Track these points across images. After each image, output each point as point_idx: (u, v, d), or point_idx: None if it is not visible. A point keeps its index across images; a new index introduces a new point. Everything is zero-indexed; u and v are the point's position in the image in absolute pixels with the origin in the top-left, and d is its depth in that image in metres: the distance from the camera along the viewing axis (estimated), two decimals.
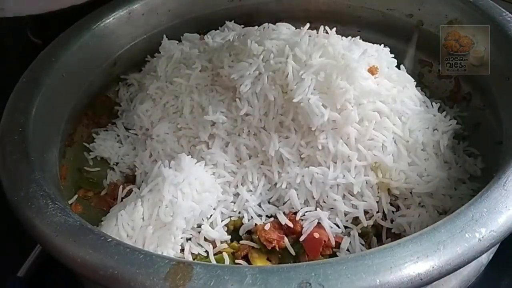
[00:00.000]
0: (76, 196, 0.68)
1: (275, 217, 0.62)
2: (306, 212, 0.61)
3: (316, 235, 0.58)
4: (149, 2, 0.83)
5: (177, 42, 0.84)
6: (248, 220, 0.63)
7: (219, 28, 0.87)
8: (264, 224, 0.61)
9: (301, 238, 0.59)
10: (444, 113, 0.72)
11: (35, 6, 0.91)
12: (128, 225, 0.58)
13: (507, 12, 0.69)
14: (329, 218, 0.61)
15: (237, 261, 0.59)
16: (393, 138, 0.64)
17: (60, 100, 0.69)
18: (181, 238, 0.59)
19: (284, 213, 0.62)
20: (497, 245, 0.55)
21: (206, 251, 0.60)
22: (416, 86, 0.73)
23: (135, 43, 0.83)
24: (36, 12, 0.93)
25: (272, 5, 0.90)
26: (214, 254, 0.59)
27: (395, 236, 0.61)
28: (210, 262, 0.58)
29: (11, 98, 0.63)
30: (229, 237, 0.62)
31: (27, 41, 1.08)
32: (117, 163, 0.74)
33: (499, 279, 0.62)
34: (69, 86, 0.72)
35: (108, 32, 0.79)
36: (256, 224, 0.62)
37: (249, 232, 0.62)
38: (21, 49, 1.11)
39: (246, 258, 0.60)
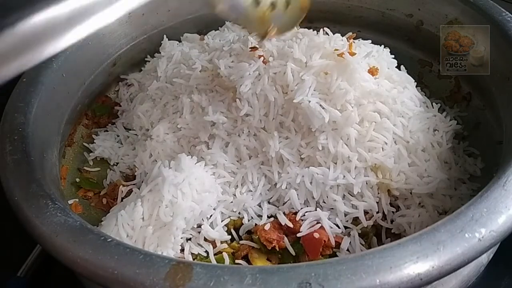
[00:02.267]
0: (76, 196, 0.68)
1: (275, 217, 0.62)
2: (306, 212, 0.61)
3: (316, 235, 0.58)
4: (149, 2, 0.83)
5: (177, 42, 0.84)
6: (248, 220, 0.63)
7: (219, 28, 0.87)
8: (264, 224, 0.61)
9: (299, 234, 0.59)
10: (444, 113, 0.72)
11: None
12: (128, 225, 0.58)
13: (507, 12, 0.68)
14: (329, 218, 0.61)
15: (237, 261, 0.59)
16: (393, 139, 0.64)
17: (60, 100, 0.69)
18: (181, 238, 0.59)
19: (284, 213, 0.62)
20: (497, 245, 0.55)
21: (206, 251, 0.60)
22: (416, 86, 0.72)
23: (135, 43, 0.83)
24: None
25: None
26: (214, 254, 0.59)
27: (395, 236, 0.61)
28: (210, 262, 0.58)
29: (11, 98, 0.63)
30: (229, 237, 0.62)
31: None
32: (117, 163, 0.74)
33: (499, 279, 0.62)
34: (69, 86, 0.72)
35: (108, 32, 0.79)
36: (256, 224, 0.62)
37: (249, 232, 0.62)
38: None
39: (246, 258, 0.60)
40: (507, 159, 0.53)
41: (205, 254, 0.60)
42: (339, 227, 0.60)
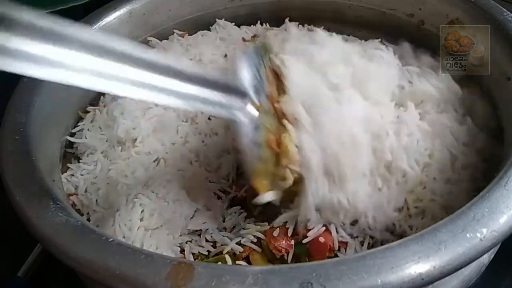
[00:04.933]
0: None
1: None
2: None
3: (322, 239, 0.57)
4: (149, 2, 0.83)
5: None
6: None
7: None
8: (273, 229, 0.59)
9: (305, 240, 0.57)
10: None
11: None
12: (125, 225, 0.58)
13: (508, 12, 0.68)
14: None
15: (238, 262, 0.59)
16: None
17: (61, 100, 0.69)
18: (181, 237, 0.59)
19: None
20: (498, 245, 0.55)
21: (207, 251, 0.60)
22: None
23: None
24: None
25: (272, 5, 0.90)
26: (215, 255, 0.59)
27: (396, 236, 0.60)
28: (211, 262, 0.58)
29: (12, 98, 0.63)
30: (229, 240, 0.61)
31: None
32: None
33: (500, 279, 0.62)
34: (69, 86, 0.71)
35: (109, 32, 0.79)
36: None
37: None
38: None
39: (247, 259, 0.59)
40: (508, 159, 0.53)
41: (206, 253, 0.60)
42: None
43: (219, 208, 0.62)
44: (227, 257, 0.58)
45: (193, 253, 0.59)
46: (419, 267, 0.41)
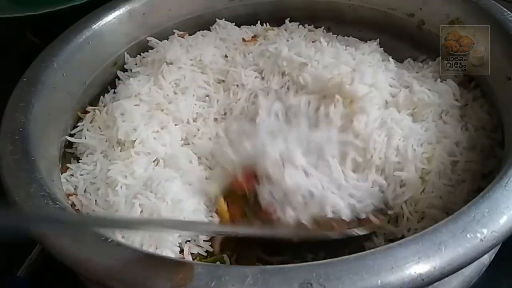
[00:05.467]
0: None
1: None
2: None
3: None
4: (149, 2, 0.83)
5: None
6: None
7: None
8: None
9: None
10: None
11: None
12: None
13: (508, 12, 0.68)
14: None
15: None
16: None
17: (61, 100, 0.69)
18: (180, 237, 0.59)
19: None
20: (499, 246, 0.55)
21: (206, 251, 0.60)
22: None
23: (136, 43, 0.83)
24: (36, 11, 0.93)
25: (272, 5, 0.90)
26: (214, 255, 0.59)
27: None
28: (210, 262, 0.58)
29: (11, 98, 0.63)
30: None
31: (27, 41, 1.08)
32: None
33: (500, 279, 0.62)
34: (69, 86, 0.71)
35: (109, 32, 0.79)
36: None
37: None
38: (21, 49, 1.11)
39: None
40: (508, 159, 0.52)
41: (205, 254, 0.60)
42: None
43: None
44: (226, 257, 0.58)
45: (192, 253, 0.59)
46: (419, 268, 0.41)
